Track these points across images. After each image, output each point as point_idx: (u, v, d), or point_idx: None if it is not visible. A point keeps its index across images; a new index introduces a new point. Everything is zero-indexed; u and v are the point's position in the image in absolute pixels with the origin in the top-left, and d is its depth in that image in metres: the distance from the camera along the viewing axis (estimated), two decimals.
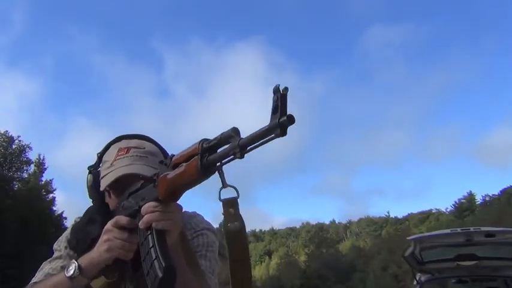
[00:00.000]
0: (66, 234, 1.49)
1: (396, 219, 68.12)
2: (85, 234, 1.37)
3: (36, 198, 27.34)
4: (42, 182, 29.65)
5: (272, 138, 0.88)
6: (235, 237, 1.01)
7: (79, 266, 1.22)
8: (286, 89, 0.85)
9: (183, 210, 1.36)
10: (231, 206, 1.00)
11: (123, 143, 1.42)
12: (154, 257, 1.08)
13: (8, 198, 24.32)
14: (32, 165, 29.87)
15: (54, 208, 29.54)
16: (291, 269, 44.61)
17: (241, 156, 0.91)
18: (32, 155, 30.04)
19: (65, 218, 28.36)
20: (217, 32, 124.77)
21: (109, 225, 1.22)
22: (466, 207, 48.31)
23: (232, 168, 1.10)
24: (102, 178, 1.38)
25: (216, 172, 0.98)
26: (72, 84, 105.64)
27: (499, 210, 33.99)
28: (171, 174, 1.05)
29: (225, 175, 0.97)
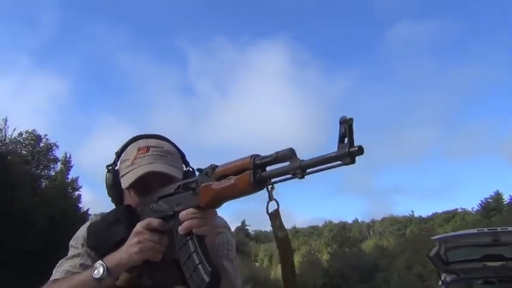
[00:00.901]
0: (82, 231, 1.51)
1: (421, 219, 67.12)
2: (109, 235, 1.39)
3: (63, 195, 27.91)
4: (69, 180, 30.26)
5: (338, 165, 0.94)
6: (283, 243, 1.09)
7: (107, 268, 1.24)
8: (351, 119, 0.91)
9: None
10: (276, 218, 1.07)
11: (142, 142, 1.46)
12: (197, 262, 1.14)
13: (35, 196, 24.89)
14: (59, 163, 30.54)
15: (80, 205, 30.16)
16: (313, 268, 44.46)
17: (302, 177, 0.97)
18: (59, 153, 30.73)
19: (90, 215, 28.76)
20: (241, 30, 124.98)
21: (140, 227, 1.25)
22: (493, 207, 47.28)
23: None
24: (122, 177, 1.42)
25: (265, 187, 1.05)
26: (99, 82, 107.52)
27: None
28: (218, 185, 1.10)
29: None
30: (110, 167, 1.49)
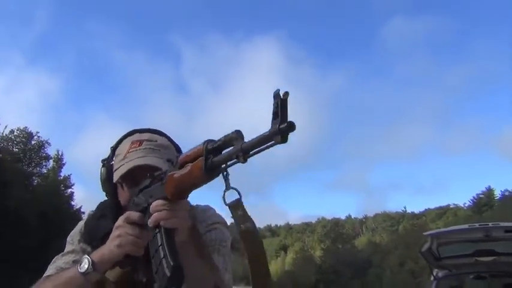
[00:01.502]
0: (79, 227, 1.50)
1: (413, 215, 67.53)
2: (97, 229, 1.38)
3: (55, 193, 27.76)
4: (61, 177, 30.11)
5: (273, 145, 0.88)
6: (249, 237, 1.01)
7: (93, 262, 1.21)
8: (286, 93, 0.84)
9: (196, 204, 1.37)
10: (237, 208, 1.00)
11: (136, 136, 1.44)
12: (162, 255, 1.09)
13: (27, 193, 24.73)
14: (51, 161, 30.39)
15: (73, 203, 30.04)
16: (306, 264, 44.58)
17: (244, 161, 0.92)
18: (51, 151, 30.56)
19: (83, 213, 28.71)
20: (235, 26, 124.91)
21: (120, 220, 1.22)
22: (484, 203, 47.55)
23: (249, 166, 1.11)
24: (115, 171, 1.40)
25: (221, 174, 0.99)
26: (92, 80, 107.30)
27: None
28: (178, 173, 1.06)
29: (230, 176, 0.98)
30: (105, 162, 1.47)
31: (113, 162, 1.45)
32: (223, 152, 0.97)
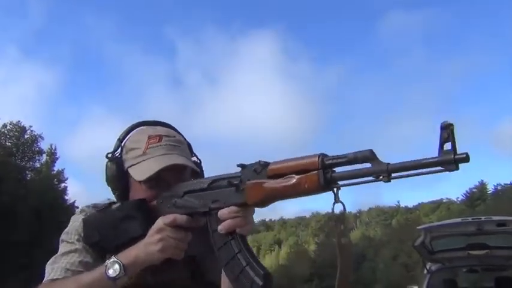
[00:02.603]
0: (75, 226, 1.32)
1: (407, 209, 67.99)
2: (120, 232, 1.24)
3: (49, 187, 27.65)
4: (54, 172, 29.97)
5: (437, 171, 0.89)
6: (345, 250, 1.03)
7: (123, 266, 1.12)
8: (452, 125, 0.86)
9: None
10: (341, 222, 1.02)
11: (151, 130, 1.33)
12: (245, 263, 1.07)
13: (20, 188, 24.61)
14: (44, 155, 30.23)
15: (67, 197, 29.92)
16: (300, 259, 44.72)
17: (388, 181, 0.92)
18: (44, 145, 30.40)
19: (77, 207, 28.60)
20: (231, 20, 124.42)
21: (161, 223, 1.14)
22: (477, 197, 47.87)
23: (243, 160, 1.09)
24: (131, 167, 1.29)
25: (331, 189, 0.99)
26: (88, 73, 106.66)
27: (510, 200, 33.65)
28: (275, 184, 1.03)
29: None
30: (112, 156, 1.32)
31: (120, 155, 1.33)
32: (351, 168, 0.97)
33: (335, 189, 0.99)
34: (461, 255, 5.82)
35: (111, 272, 1.11)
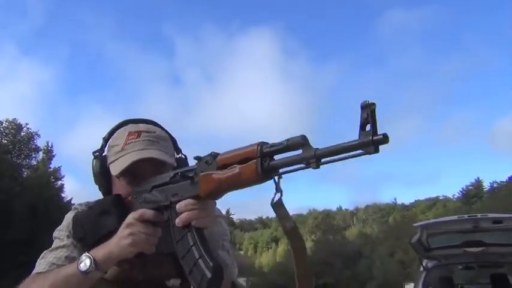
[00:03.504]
0: (66, 222, 1.39)
1: (403, 206, 68.09)
2: (98, 227, 1.28)
3: (45, 185, 27.57)
4: (51, 169, 29.87)
5: (359, 155, 0.86)
6: (292, 234, 1.03)
7: (95, 260, 1.16)
8: (374, 104, 0.84)
9: None
10: (281, 208, 1.01)
11: (132, 127, 1.38)
12: (198, 256, 1.07)
13: (17, 186, 24.53)
14: (41, 153, 30.13)
15: (63, 195, 29.83)
16: None
17: (317, 167, 0.90)
18: (40, 142, 30.29)
19: (74, 205, 28.49)
20: (230, 18, 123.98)
21: (131, 218, 1.17)
22: (473, 194, 48.06)
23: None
24: (111, 163, 1.34)
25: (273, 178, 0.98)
26: (86, 71, 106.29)
27: (506, 197, 33.74)
28: (221, 174, 1.03)
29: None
30: (97, 153, 1.39)
31: (105, 153, 1.39)
32: (285, 156, 0.95)
33: (276, 178, 0.98)
34: (457, 252, 5.83)
35: (81, 266, 1.16)
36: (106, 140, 1.40)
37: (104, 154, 1.40)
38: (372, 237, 49.53)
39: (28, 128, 29.91)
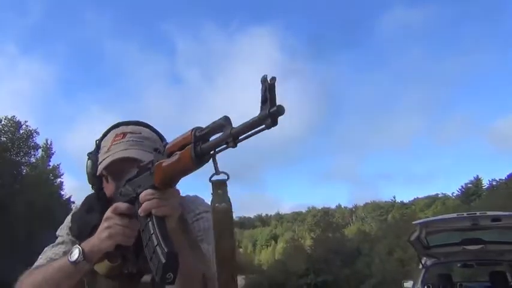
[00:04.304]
0: (67, 221, 1.53)
1: (402, 204, 68.18)
2: (85, 223, 1.40)
3: (44, 182, 27.59)
4: (50, 167, 29.90)
5: (263, 129, 0.89)
6: (221, 216, 1.01)
7: (83, 251, 1.23)
8: (274, 78, 0.85)
9: (185, 194, 1.36)
10: (219, 187, 1.00)
11: (120, 129, 1.45)
12: (156, 243, 1.10)
13: (16, 183, 24.54)
14: (40, 150, 30.13)
15: (62, 192, 29.89)
16: (296, 254, 44.77)
17: (234, 145, 0.93)
18: (40, 140, 30.28)
19: (73, 202, 28.60)
20: (230, 17, 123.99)
21: (108, 212, 1.24)
22: (472, 192, 48.05)
23: (241, 157, 1.10)
24: (99, 163, 1.42)
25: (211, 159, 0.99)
26: (85, 69, 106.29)
27: (505, 195, 33.77)
28: (166, 162, 1.06)
29: (218, 162, 0.98)
30: (91, 154, 1.48)
31: (98, 155, 1.46)
32: (211, 139, 0.97)
33: (212, 159, 0.98)
34: (456, 250, 5.85)
35: (71, 257, 1.24)
36: (99, 142, 1.48)
37: (96, 155, 1.47)
38: (371, 235, 49.54)
39: (27, 126, 29.92)
